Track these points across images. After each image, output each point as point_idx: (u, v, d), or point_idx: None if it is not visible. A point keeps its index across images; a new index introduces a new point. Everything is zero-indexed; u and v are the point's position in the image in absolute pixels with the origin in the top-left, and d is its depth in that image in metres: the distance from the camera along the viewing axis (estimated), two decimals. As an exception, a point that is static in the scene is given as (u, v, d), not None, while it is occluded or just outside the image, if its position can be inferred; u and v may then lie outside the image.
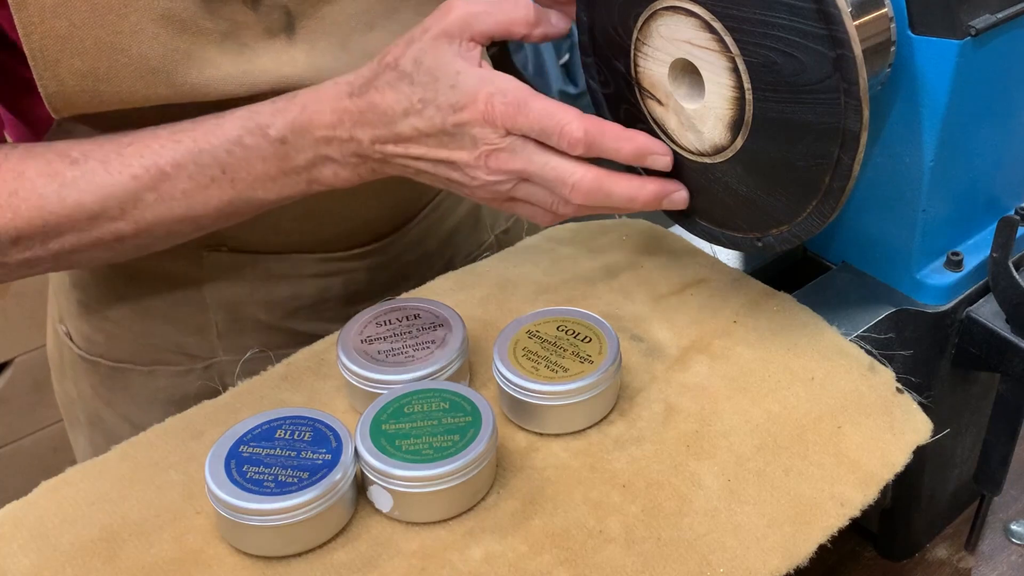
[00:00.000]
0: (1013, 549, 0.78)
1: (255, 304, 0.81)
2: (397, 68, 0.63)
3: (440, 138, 0.63)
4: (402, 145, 0.64)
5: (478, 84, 0.61)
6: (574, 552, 0.56)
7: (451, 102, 0.62)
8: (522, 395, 0.62)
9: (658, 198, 0.65)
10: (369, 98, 0.63)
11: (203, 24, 0.65)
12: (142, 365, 0.83)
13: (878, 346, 0.67)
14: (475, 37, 0.63)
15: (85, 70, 0.64)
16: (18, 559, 0.56)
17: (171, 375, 0.83)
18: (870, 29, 0.58)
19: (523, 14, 0.64)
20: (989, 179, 0.68)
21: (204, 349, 0.83)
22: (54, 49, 0.63)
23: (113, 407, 0.86)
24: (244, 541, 0.56)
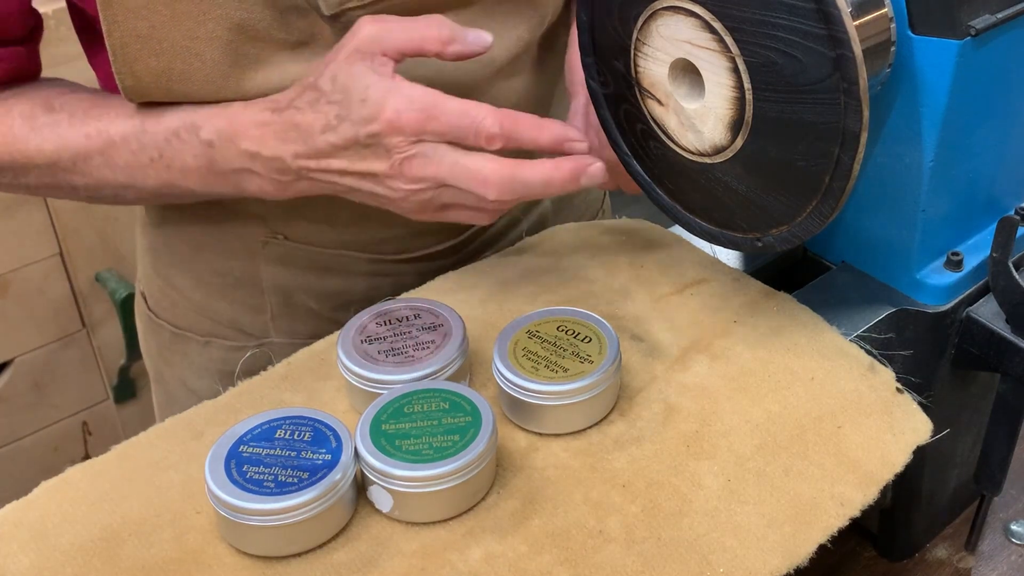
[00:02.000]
0: (1013, 549, 0.78)
1: (307, 293, 0.84)
2: (316, 87, 0.65)
3: (356, 150, 0.64)
4: (323, 161, 0.66)
5: (385, 95, 0.62)
6: (574, 552, 0.56)
7: (363, 115, 0.63)
8: (522, 395, 0.62)
9: (575, 176, 0.65)
10: (290, 116, 0.65)
11: (277, 34, 0.68)
12: (199, 335, 0.87)
13: (878, 346, 0.67)
14: (387, 52, 0.64)
15: (160, 69, 0.67)
16: (18, 559, 0.56)
17: (225, 349, 0.87)
18: (870, 29, 0.58)
19: (435, 32, 0.64)
20: (989, 179, 0.68)
21: (258, 328, 0.86)
22: (134, 48, 0.66)
23: (172, 369, 0.91)
24: (244, 541, 0.56)
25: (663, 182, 0.70)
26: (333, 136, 0.64)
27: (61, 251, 1.61)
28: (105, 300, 1.66)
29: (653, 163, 0.69)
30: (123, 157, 0.70)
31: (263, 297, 0.84)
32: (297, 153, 0.66)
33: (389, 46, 0.64)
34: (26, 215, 1.55)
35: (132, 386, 1.76)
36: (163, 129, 0.69)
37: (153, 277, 0.89)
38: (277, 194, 0.70)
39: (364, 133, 0.63)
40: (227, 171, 0.69)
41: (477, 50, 0.66)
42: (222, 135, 0.67)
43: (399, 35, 0.64)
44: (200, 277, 0.85)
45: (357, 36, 0.64)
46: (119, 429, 1.78)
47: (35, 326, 1.63)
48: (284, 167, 0.67)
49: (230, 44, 0.67)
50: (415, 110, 0.62)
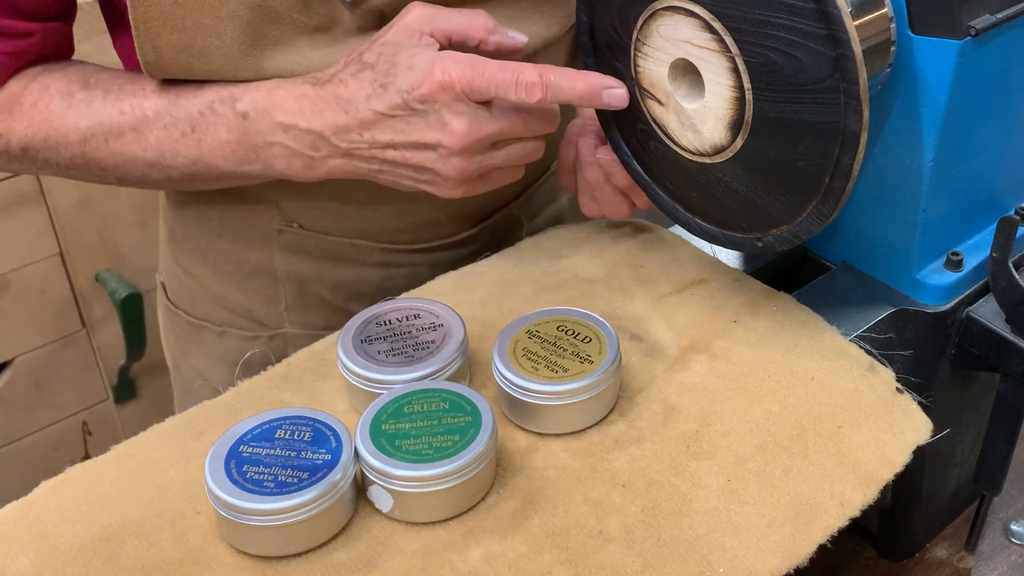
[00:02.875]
0: (1013, 549, 0.78)
1: (321, 283, 0.84)
2: (361, 60, 0.66)
3: (406, 119, 0.65)
4: (368, 132, 0.66)
5: (431, 59, 0.64)
6: (574, 552, 0.56)
7: (410, 81, 0.64)
8: (522, 395, 0.62)
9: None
10: (332, 88, 0.67)
11: (297, 17, 0.68)
12: (216, 325, 0.88)
13: (878, 346, 0.67)
14: (434, 33, 0.66)
15: (182, 46, 0.68)
16: (18, 559, 0.56)
17: (240, 339, 0.88)
18: (870, 29, 0.58)
19: (481, 22, 0.68)
20: (989, 179, 0.68)
21: (272, 319, 0.87)
22: (156, 23, 0.67)
23: (188, 359, 0.92)
24: (244, 541, 0.56)
25: (663, 182, 0.70)
26: (379, 103, 0.65)
27: (61, 251, 1.61)
28: (105, 300, 1.66)
29: (653, 163, 0.69)
30: (154, 133, 0.71)
31: (278, 287, 0.85)
32: (338, 125, 0.66)
33: (437, 27, 0.66)
34: (26, 215, 1.55)
35: (132, 386, 1.76)
36: (198, 102, 0.70)
37: (172, 266, 0.90)
38: (305, 172, 0.70)
39: (415, 96, 0.64)
40: (259, 145, 0.69)
41: (515, 46, 0.69)
42: (258, 107, 0.68)
43: (448, 19, 0.66)
44: (217, 266, 0.86)
45: (407, 16, 0.66)
46: (119, 429, 1.78)
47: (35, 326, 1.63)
48: (320, 141, 0.67)
49: (250, 24, 0.67)
50: (462, 67, 0.64)
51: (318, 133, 0.67)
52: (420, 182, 0.69)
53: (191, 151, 0.71)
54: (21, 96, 0.72)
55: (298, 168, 0.70)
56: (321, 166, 0.69)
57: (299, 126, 0.67)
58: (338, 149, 0.68)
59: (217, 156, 0.71)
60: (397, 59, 0.65)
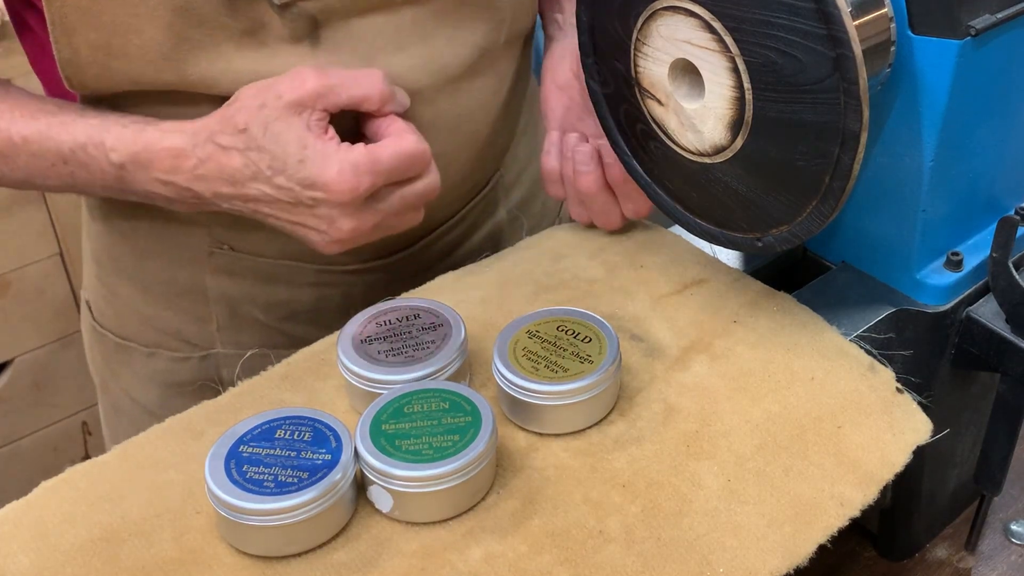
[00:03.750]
0: (1013, 549, 0.78)
1: (253, 304, 0.82)
2: (247, 132, 0.65)
3: (293, 206, 0.66)
4: (251, 203, 0.67)
5: (325, 160, 0.64)
6: (574, 552, 0.56)
7: (301, 177, 0.65)
8: (522, 395, 0.62)
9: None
10: (212, 153, 0.66)
11: (223, 20, 0.66)
12: (144, 345, 0.86)
13: (878, 346, 0.67)
14: (327, 108, 0.66)
15: (99, 43, 0.65)
16: (18, 559, 0.56)
17: (169, 360, 0.85)
18: (870, 29, 0.58)
19: (378, 91, 0.67)
20: (989, 179, 0.68)
21: (203, 339, 0.84)
22: (73, 18, 0.65)
23: (117, 379, 0.89)
24: (244, 541, 0.56)
25: (663, 182, 0.70)
26: (267, 187, 0.65)
27: (61, 251, 1.61)
28: (105, 300, 1.66)
29: (653, 163, 0.69)
30: (23, 158, 0.69)
31: (208, 307, 0.83)
32: (220, 194, 0.67)
33: (330, 103, 0.66)
34: (26, 215, 1.55)
35: (132, 386, 1.76)
36: (69, 139, 0.68)
37: (97, 286, 0.88)
38: (188, 211, 0.71)
39: (307, 197, 0.65)
40: (136, 191, 0.69)
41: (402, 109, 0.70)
42: (136, 161, 0.67)
43: (342, 93, 0.66)
44: (145, 286, 0.83)
45: (300, 89, 0.65)
46: (119, 429, 1.78)
47: (35, 326, 1.63)
48: (199, 197, 0.67)
49: (172, 25, 0.65)
50: (364, 174, 0.64)
51: (198, 193, 0.67)
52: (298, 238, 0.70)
53: (64, 180, 0.70)
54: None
55: (179, 208, 0.70)
56: (202, 208, 0.69)
57: (179, 184, 0.67)
58: (219, 205, 0.68)
59: (94, 188, 0.70)
60: (285, 140, 0.64)
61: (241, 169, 0.65)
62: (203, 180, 0.66)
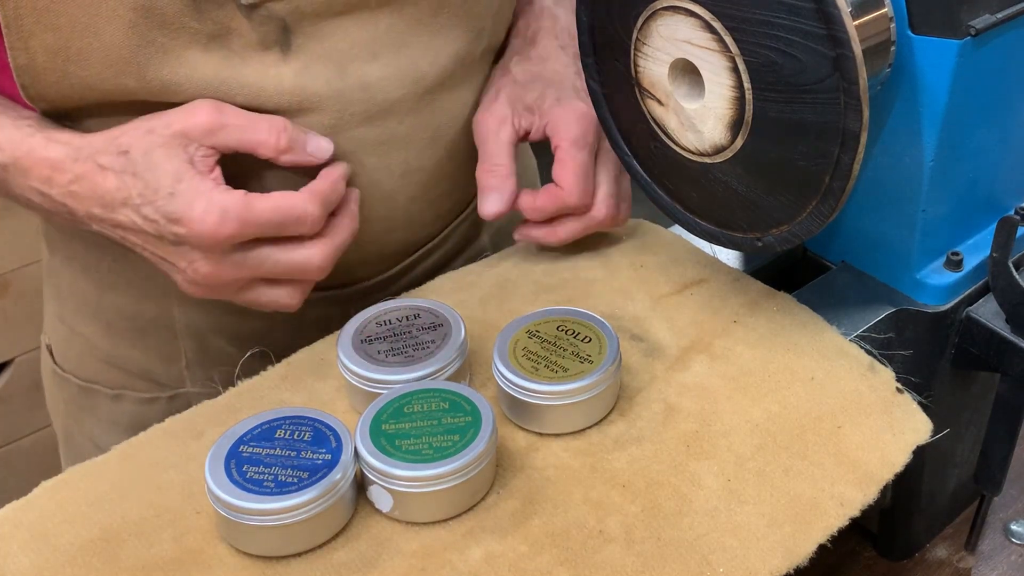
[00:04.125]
0: (1013, 549, 0.78)
1: (224, 336, 0.79)
2: (128, 155, 0.62)
3: (157, 238, 0.63)
4: (119, 229, 0.64)
5: (194, 198, 0.61)
6: (574, 552, 0.56)
7: (168, 211, 0.62)
8: (522, 395, 0.62)
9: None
10: (88, 171, 0.63)
11: (188, 23, 0.63)
12: (109, 388, 0.83)
13: (878, 346, 0.67)
14: (216, 146, 0.63)
15: (57, 47, 0.62)
16: (18, 559, 0.56)
17: (136, 402, 0.82)
18: (870, 29, 0.58)
19: (274, 141, 0.64)
20: (989, 179, 0.68)
21: (172, 378, 0.81)
22: (29, 21, 0.62)
23: (81, 426, 0.85)
24: (244, 541, 0.56)
25: (663, 182, 0.70)
26: (135, 215, 0.63)
27: (61, 251, 1.60)
28: (105, 300, 1.66)
29: (653, 163, 0.69)
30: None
31: (177, 342, 0.79)
32: (90, 213, 0.64)
33: (220, 141, 0.63)
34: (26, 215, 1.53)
35: (132, 386, 1.76)
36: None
37: (58, 325, 0.84)
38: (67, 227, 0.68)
39: (169, 232, 0.62)
40: (17, 196, 0.67)
41: (315, 161, 0.66)
42: (17, 165, 0.65)
43: (234, 134, 0.63)
44: (109, 323, 0.80)
45: (190, 120, 0.62)
46: (119, 429, 1.78)
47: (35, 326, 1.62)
48: (72, 216, 0.65)
49: (135, 27, 0.62)
50: (230, 220, 0.61)
51: (71, 209, 0.65)
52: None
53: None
54: None
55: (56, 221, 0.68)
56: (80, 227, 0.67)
57: (53, 197, 0.65)
58: (91, 226, 0.66)
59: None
60: (161, 170, 0.62)
61: (113, 192, 0.63)
62: (76, 197, 0.64)
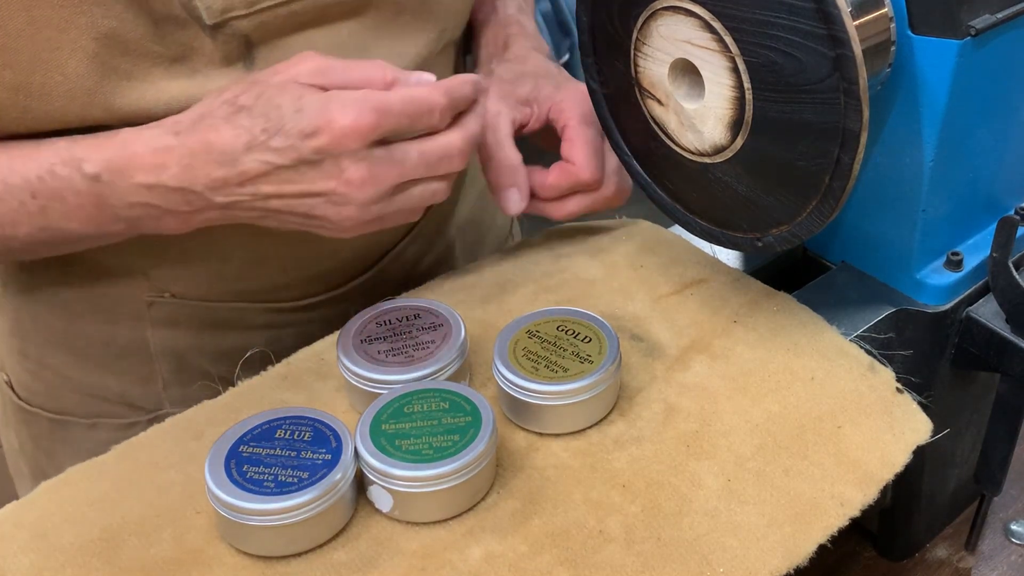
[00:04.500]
0: (1013, 549, 0.78)
1: (201, 354, 0.77)
2: (235, 103, 0.59)
3: (296, 169, 0.58)
4: (250, 185, 0.59)
5: (323, 102, 0.57)
6: (574, 552, 0.56)
7: (301, 126, 0.57)
8: (522, 395, 0.62)
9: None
10: (201, 135, 0.58)
11: (151, 47, 0.61)
12: (84, 417, 0.80)
13: (878, 346, 0.67)
14: (327, 86, 0.60)
15: (16, 84, 0.59)
16: (18, 559, 0.56)
17: (114, 428, 0.79)
18: (870, 29, 0.58)
19: (380, 74, 0.61)
20: (989, 179, 0.68)
21: (149, 400, 0.79)
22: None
23: (54, 460, 0.81)
24: (244, 541, 0.56)
25: (663, 182, 0.70)
26: (263, 153, 0.58)
27: (61, 251, 1.60)
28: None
29: (653, 163, 0.69)
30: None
31: (152, 364, 0.76)
32: (214, 179, 0.59)
33: (330, 81, 0.60)
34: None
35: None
36: (35, 165, 0.60)
37: (21, 360, 0.79)
38: (180, 228, 0.63)
39: (308, 149, 0.57)
40: (118, 207, 0.61)
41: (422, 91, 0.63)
42: (111, 167, 0.59)
43: (343, 73, 0.60)
44: (79, 351, 0.76)
45: (296, 67, 0.60)
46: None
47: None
48: (192, 196, 0.60)
49: (97, 56, 0.59)
50: (367, 111, 0.57)
51: (189, 190, 0.59)
52: (308, 227, 0.63)
53: (35, 220, 0.61)
54: None
55: (171, 225, 0.62)
56: (196, 219, 0.62)
57: (166, 184, 0.59)
58: (214, 204, 0.60)
59: (69, 221, 0.62)
60: (280, 100, 0.58)
61: (232, 141, 0.58)
62: (191, 171, 0.58)
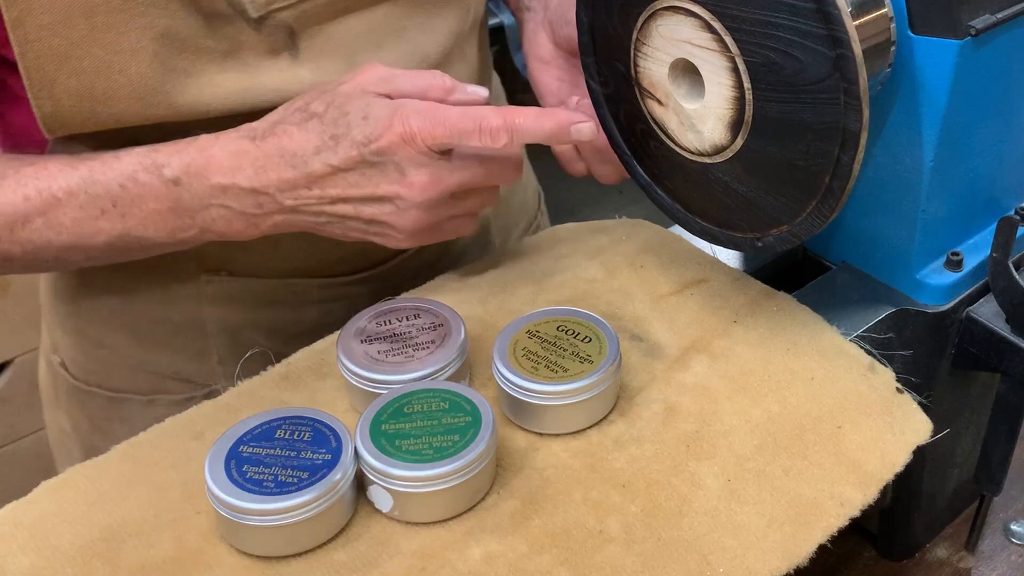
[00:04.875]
0: (1013, 549, 0.78)
1: (256, 330, 0.80)
2: (307, 109, 0.63)
3: (361, 172, 0.62)
4: (317, 187, 0.63)
5: (389, 109, 0.62)
6: (574, 552, 0.56)
7: (366, 133, 0.61)
8: (522, 395, 0.62)
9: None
10: (274, 140, 0.62)
11: (204, 43, 0.64)
12: (140, 394, 0.82)
13: (878, 346, 0.67)
14: (391, 93, 0.64)
15: (82, 90, 0.62)
16: (18, 559, 0.56)
17: (170, 404, 0.81)
18: (870, 29, 0.58)
19: (439, 82, 0.65)
20: (989, 179, 0.68)
21: (204, 375, 0.81)
22: (51, 68, 0.61)
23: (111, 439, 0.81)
24: (244, 541, 0.56)
25: (663, 182, 0.70)
26: (331, 156, 0.62)
27: (61, 251, 1.61)
28: (105, 300, 1.66)
29: (653, 163, 0.69)
30: (69, 214, 0.64)
31: (207, 341, 0.79)
32: (285, 180, 0.63)
33: (395, 88, 0.64)
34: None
35: (132, 386, 1.76)
36: (117, 174, 0.64)
37: (78, 340, 0.82)
38: (247, 232, 0.66)
39: (371, 150, 0.61)
40: (195, 209, 0.65)
41: (478, 100, 0.67)
42: (190, 170, 0.63)
43: (405, 81, 0.64)
44: (136, 330, 0.79)
45: (362, 75, 0.64)
46: (119, 429, 1.78)
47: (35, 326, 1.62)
48: (263, 199, 0.64)
49: (156, 56, 0.63)
50: (422, 116, 0.61)
51: (261, 191, 0.63)
52: (370, 234, 0.66)
53: (115, 227, 0.65)
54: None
55: (239, 228, 0.66)
56: (264, 223, 0.65)
57: (240, 185, 0.63)
58: (283, 206, 0.64)
59: (147, 228, 0.65)
60: (348, 108, 0.62)
61: (303, 144, 0.62)
62: (264, 172, 0.63)
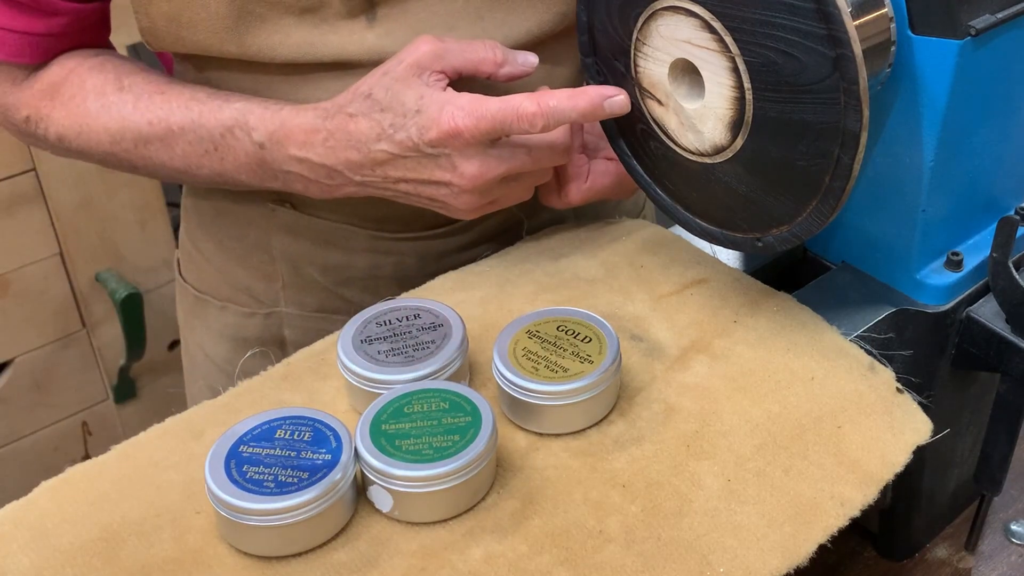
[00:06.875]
0: (1013, 549, 0.78)
1: (313, 265, 0.86)
2: (371, 97, 0.69)
3: (417, 160, 0.68)
4: (380, 169, 0.70)
5: (439, 105, 0.67)
6: (574, 552, 0.56)
7: (419, 124, 0.67)
8: (522, 395, 0.62)
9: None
10: (341, 122, 0.69)
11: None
12: (217, 299, 0.91)
13: (878, 346, 0.67)
14: (444, 70, 0.69)
15: (172, 14, 0.72)
16: (18, 559, 0.56)
17: (238, 314, 0.90)
18: (870, 29, 0.58)
19: (491, 55, 0.70)
20: (989, 179, 0.68)
21: (269, 296, 0.89)
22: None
23: (193, 333, 0.96)
24: (244, 541, 0.56)
25: (663, 182, 0.70)
26: (388, 144, 0.68)
27: (61, 251, 1.61)
28: (105, 300, 1.66)
29: (653, 163, 0.69)
30: (180, 146, 0.74)
31: (274, 265, 0.87)
32: (351, 162, 0.70)
33: (447, 64, 0.69)
34: (26, 215, 1.55)
35: (132, 386, 1.76)
36: (218, 124, 0.73)
37: (185, 240, 0.94)
38: (323, 195, 0.74)
39: (424, 141, 0.67)
40: (276, 171, 0.73)
41: (525, 72, 0.72)
42: (272, 139, 0.71)
43: (458, 55, 0.69)
44: (220, 241, 0.89)
45: (417, 52, 0.68)
46: (119, 429, 1.78)
47: (35, 326, 1.63)
48: (333, 173, 0.71)
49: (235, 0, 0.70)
50: (465, 113, 0.66)
51: (332, 167, 0.70)
52: (433, 207, 0.72)
53: (215, 166, 0.75)
54: (60, 86, 0.76)
55: (315, 191, 0.74)
56: (337, 191, 0.73)
57: (312, 160, 0.71)
58: (351, 180, 0.71)
59: (240, 173, 0.75)
60: (404, 97, 0.67)
61: (366, 131, 0.68)
62: (333, 152, 0.70)
